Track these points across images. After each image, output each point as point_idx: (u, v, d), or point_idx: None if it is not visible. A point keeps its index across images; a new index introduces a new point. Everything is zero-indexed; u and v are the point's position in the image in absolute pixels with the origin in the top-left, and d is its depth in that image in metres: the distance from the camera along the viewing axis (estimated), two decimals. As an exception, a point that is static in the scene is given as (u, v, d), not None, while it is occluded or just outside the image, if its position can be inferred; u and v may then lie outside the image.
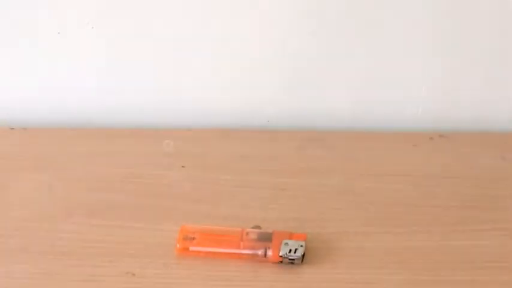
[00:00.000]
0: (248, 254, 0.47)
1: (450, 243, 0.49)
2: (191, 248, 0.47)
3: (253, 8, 0.62)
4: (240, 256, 0.47)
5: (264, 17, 0.63)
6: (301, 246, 0.47)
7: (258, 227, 0.50)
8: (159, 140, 0.61)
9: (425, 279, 0.45)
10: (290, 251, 0.47)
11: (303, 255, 0.47)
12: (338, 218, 0.52)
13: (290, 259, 0.47)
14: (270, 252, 0.47)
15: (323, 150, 0.61)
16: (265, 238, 0.48)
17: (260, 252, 0.47)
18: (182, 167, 0.57)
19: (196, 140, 0.62)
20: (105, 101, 0.67)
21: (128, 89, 0.67)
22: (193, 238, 0.48)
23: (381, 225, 0.51)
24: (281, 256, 0.47)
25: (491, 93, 0.68)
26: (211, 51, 0.64)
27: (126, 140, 0.62)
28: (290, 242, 0.47)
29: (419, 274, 0.46)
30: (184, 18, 0.63)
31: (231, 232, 0.48)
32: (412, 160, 0.58)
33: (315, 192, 0.55)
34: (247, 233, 0.48)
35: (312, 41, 0.64)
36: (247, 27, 0.63)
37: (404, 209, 0.52)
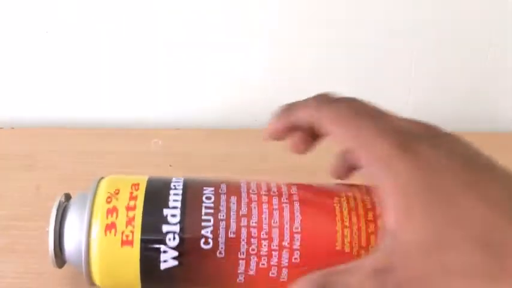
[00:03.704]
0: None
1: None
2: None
3: (241, 8, 0.62)
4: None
5: (252, 17, 0.63)
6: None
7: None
8: (146, 139, 0.61)
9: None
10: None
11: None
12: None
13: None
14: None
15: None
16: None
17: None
18: (170, 166, 0.57)
19: (184, 139, 0.62)
20: (93, 100, 0.67)
21: (116, 89, 0.67)
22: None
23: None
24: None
25: (478, 94, 0.68)
26: (200, 51, 0.65)
27: (113, 139, 0.62)
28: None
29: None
30: (173, 19, 0.63)
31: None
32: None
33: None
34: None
35: (300, 40, 0.64)
36: (236, 27, 0.64)
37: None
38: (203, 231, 0.37)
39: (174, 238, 0.37)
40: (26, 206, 0.52)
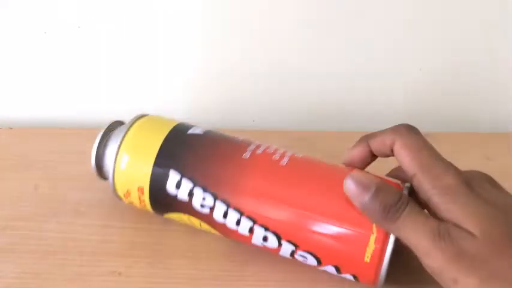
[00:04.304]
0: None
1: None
2: (177, 247, 0.49)
3: (237, 9, 0.62)
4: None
5: (248, 18, 0.63)
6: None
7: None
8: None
9: (406, 280, 0.45)
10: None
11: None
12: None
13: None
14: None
15: (308, 150, 0.61)
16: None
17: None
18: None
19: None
20: (91, 100, 0.67)
21: (113, 89, 0.67)
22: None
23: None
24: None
25: (475, 95, 0.68)
26: (197, 51, 0.65)
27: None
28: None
29: (403, 274, 0.46)
30: (171, 20, 0.63)
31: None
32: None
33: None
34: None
35: (298, 41, 0.64)
36: (232, 28, 0.64)
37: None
38: None
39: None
40: (24, 206, 0.52)
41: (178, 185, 0.44)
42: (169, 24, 0.63)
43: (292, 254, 0.43)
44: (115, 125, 0.49)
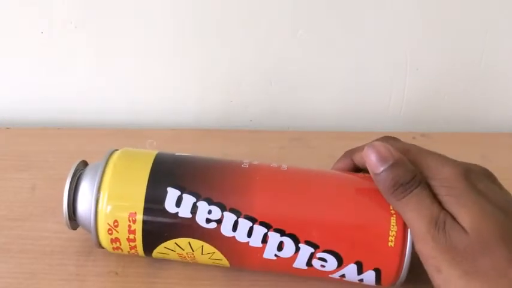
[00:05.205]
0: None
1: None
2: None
3: (235, 8, 0.62)
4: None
5: (246, 17, 0.63)
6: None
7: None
8: (142, 139, 0.61)
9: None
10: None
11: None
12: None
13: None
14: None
15: (305, 150, 0.61)
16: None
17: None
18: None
19: (179, 139, 0.62)
20: (88, 100, 0.67)
21: (110, 89, 0.67)
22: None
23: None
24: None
25: (473, 95, 0.68)
26: (194, 51, 0.65)
27: (109, 139, 0.62)
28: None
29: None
30: (167, 19, 0.63)
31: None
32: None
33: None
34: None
35: (295, 41, 0.64)
36: (230, 28, 0.64)
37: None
38: None
39: None
40: (21, 206, 0.52)
41: (178, 202, 0.41)
42: (168, 24, 0.63)
43: (311, 258, 0.41)
44: (80, 166, 0.46)
